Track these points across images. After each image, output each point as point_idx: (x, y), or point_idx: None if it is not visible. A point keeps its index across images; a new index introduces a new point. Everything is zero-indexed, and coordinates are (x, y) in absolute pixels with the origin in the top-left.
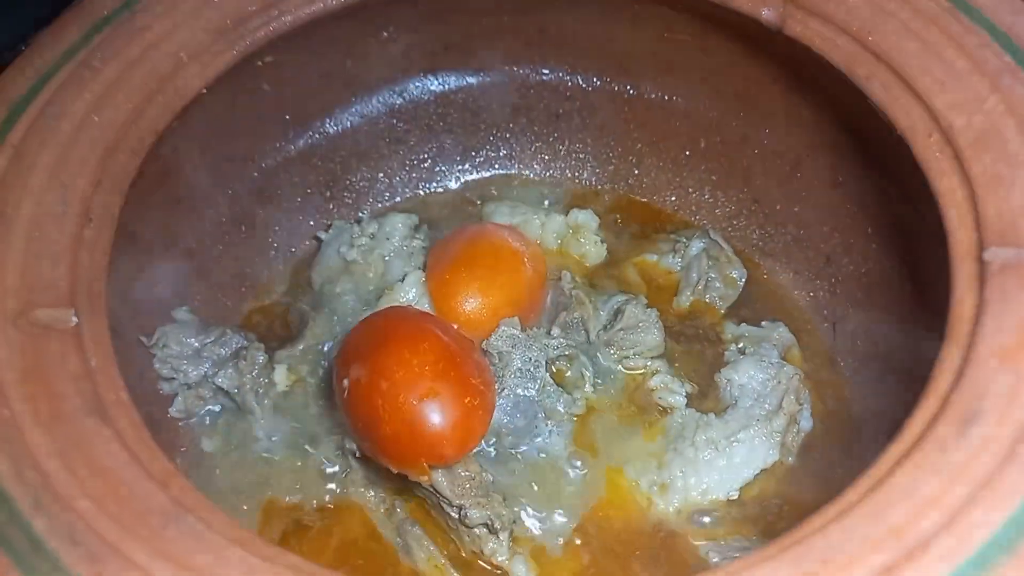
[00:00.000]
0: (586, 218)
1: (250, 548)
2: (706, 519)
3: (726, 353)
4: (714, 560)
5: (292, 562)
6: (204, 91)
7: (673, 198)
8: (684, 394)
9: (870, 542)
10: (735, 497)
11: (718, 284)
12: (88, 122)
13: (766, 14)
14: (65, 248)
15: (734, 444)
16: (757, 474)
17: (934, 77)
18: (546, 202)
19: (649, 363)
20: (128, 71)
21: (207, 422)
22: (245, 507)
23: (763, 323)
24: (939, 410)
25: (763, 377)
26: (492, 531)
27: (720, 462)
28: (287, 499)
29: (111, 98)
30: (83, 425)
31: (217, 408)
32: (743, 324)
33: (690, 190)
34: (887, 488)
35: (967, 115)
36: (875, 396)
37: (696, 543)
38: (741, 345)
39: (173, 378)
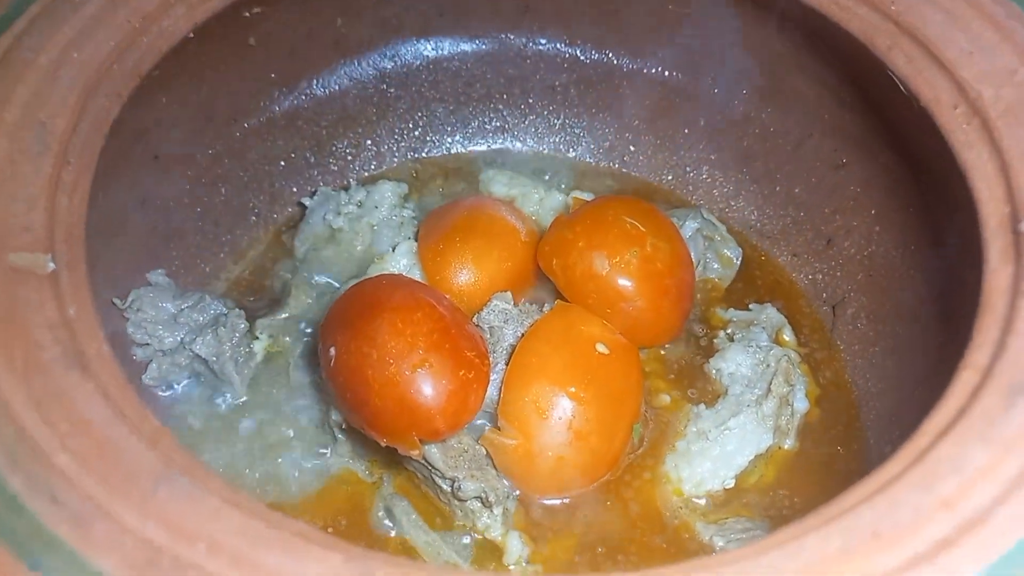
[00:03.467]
0: None
1: (251, 512)
2: (702, 502)
3: (715, 341)
4: (719, 544)
5: (298, 529)
6: (190, 35)
7: (670, 177)
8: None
9: (922, 514)
10: (731, 485)
11: (715, 265)
12: (67, 58)
13: None
14: (41, 190)
15: (725, 432)
16: (752, 460)
17: (961, 48)
18: (546, 176)
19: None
20: (110, 6)
21: (182, 391)
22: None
23: (751, 306)
24: (981, 381)
25: (751, 362)
26: (486, 504)
27: (713, 451)
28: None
29: (92, 34)
30: (62, 377)
31: (192, 377)
32: (731, 309)
33: (688, 169)
34: (932, 460)
35: (996, 87)
36: (876, 379)
37: (696, 525)
38: (730, 331)
39: (147, 344)
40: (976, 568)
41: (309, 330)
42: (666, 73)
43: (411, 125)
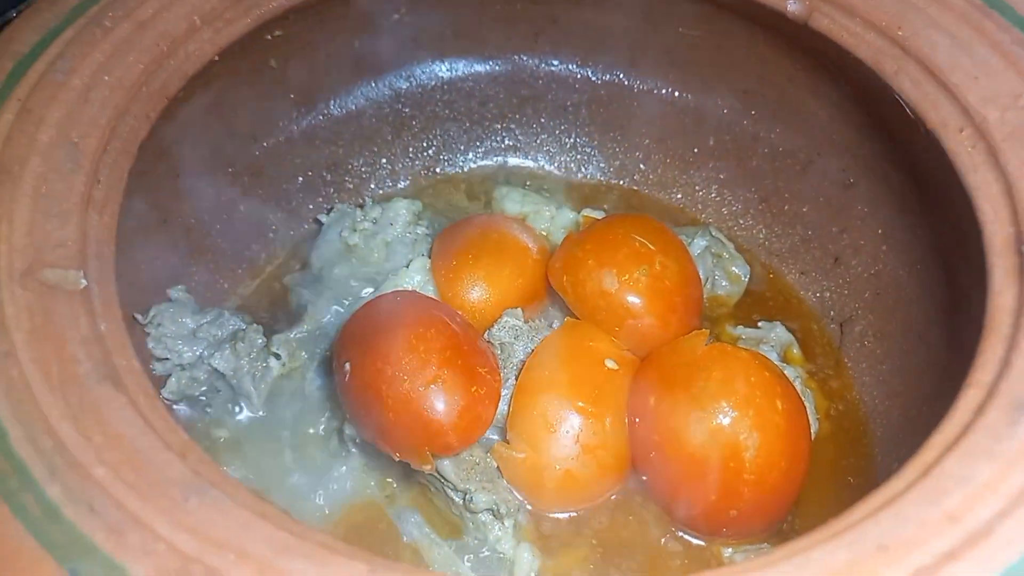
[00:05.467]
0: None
1: (277, 523)
2: None
3: None
4: (727, 554)
5: (323, 539)
6: (216, 59)
7: (679, 195)
8: None
9: (928, 528)
10: None
11: (724, 282)
12: (98, 81)
13: (792, 7)
14: (74, 207)
15: None
16: None
17: (966, 72)
18: (558, 193)
19: None
20: (139, 31)
21: (200, 405)
22: None
23: (760, 324)
24: (986, 399)
25: None
26: (497, 516)
27: None
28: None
29: (122, 58)
30: (96, 390)
31: (211, 391)
32: (740, 326)
33: (697, 188)
34: (938, 475)
35: (1001, 110)
36: (883, 396)
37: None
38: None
39: (167, 358)
40: None
41: (325, 345)
42: (676, 93)
43: (425, 144)
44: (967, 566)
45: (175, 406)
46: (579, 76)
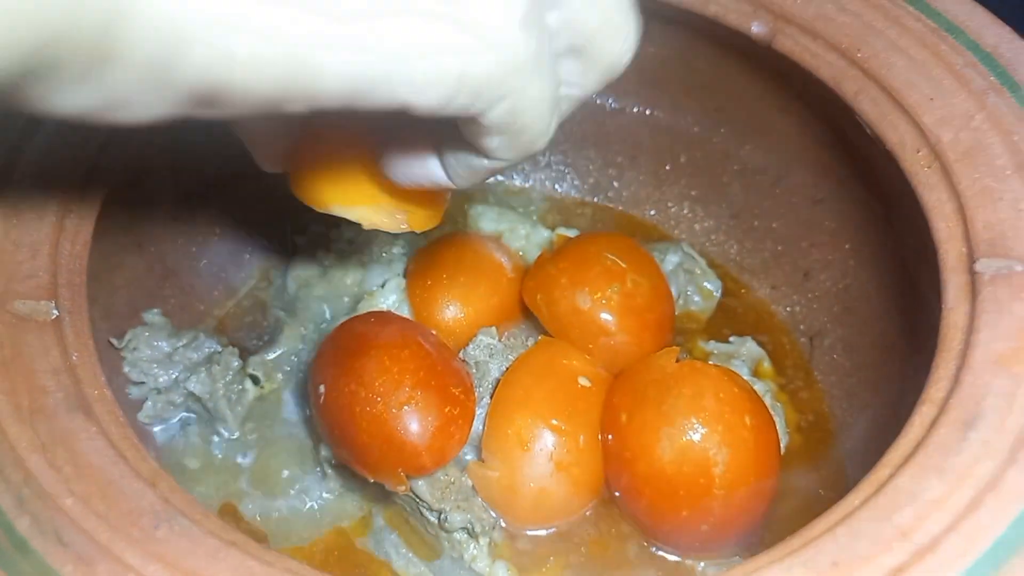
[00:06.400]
0: None
1: (247, 551)
2: None
3: None
4: (699, 568)
5: (292, 567)
6: None
7: (653, 212)
8: None
9: (880, 543)
10: None
11: (696, 298)
12: None
13: (756, 29)
14: (45, 237)
15: None
16: None
17: (922, 94)
18: (533, 215)
19: None
20: None
21: (176, 429)
22: None
23: (732, 339)
24: (938, 415)
25: None
26: (472, 535)
27: None
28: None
29: None
30: (66, 421)
31: (187, 414)
32: (712, 341)
33: (670, 204)
34: (891, 491)
35: (955, 131)
36: (852, 409)
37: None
38: (712, 363)
39: (143, 382)
40: None
41: (301, 367)
42: (648, 112)
43: None
44: None
45: (153, 429)
46: None
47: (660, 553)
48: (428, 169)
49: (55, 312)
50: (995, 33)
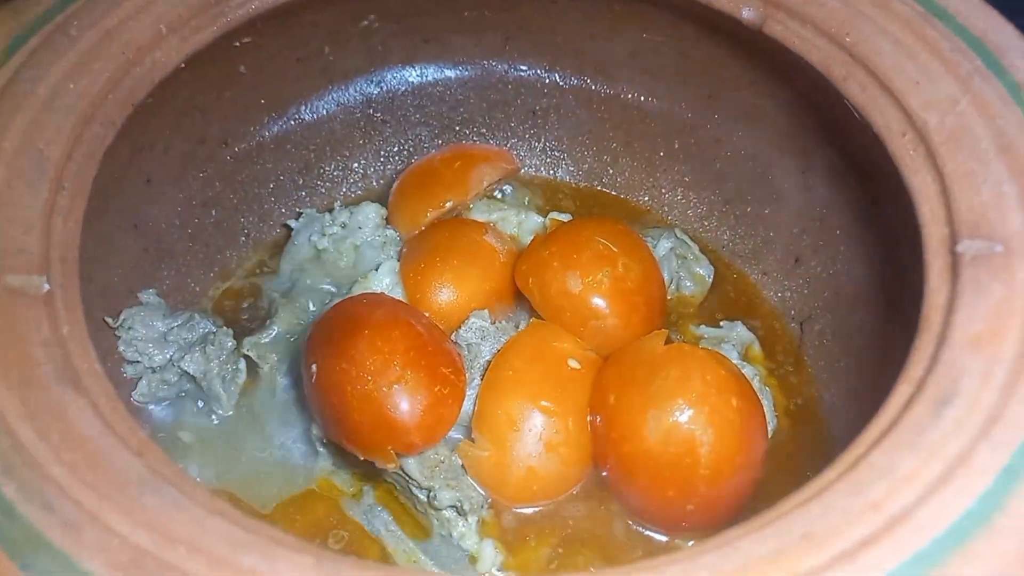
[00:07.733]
0: None
1: (231, 519)
2: None
3: None
4: (690, 543)
5: (274, 535)
6: (182, 66)
7: (647, 198)
8: None
9: (850, 516)
10: None
11: (688, 283)
12: (64, 89)
13: (747, 14)
14: (38, 214)
15: None
16: None
17: (909, 78)
18: (526, 200)
19: None
20: (106, 40)
21: (171, 407)
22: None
23: (722, 323)
24: (914, 393)
25: None
26: (461, 513)
27: None
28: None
29: (88, 66)
30: (56, 392)
31: (181, 394)
32: (703, 326)
33: (663, 190)
34: (865, 466)
35: (940, 115)
36: (842, 393)
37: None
38: (702, 347)
39: (137, 361)
40: (892, 564)
41: (294, 348)
42: (642, 98)
43: (396, 148)
44: (880, 551)
45: (148, 406)
46: (547, 81)
47: (647, 533)
48: None
49: (46, 286)
50: (984, 18)
